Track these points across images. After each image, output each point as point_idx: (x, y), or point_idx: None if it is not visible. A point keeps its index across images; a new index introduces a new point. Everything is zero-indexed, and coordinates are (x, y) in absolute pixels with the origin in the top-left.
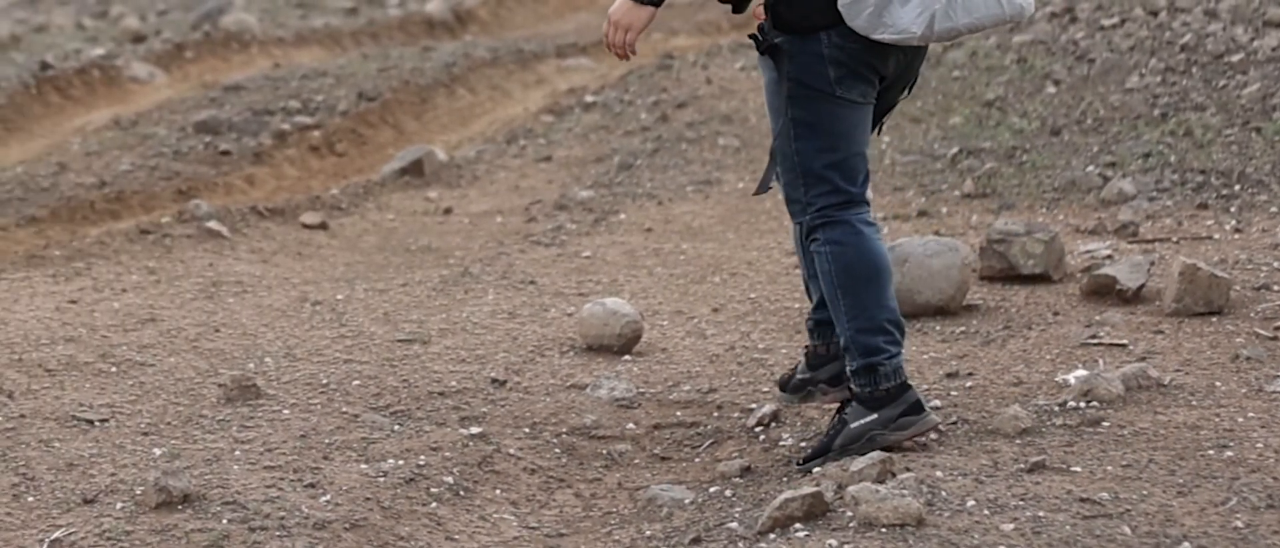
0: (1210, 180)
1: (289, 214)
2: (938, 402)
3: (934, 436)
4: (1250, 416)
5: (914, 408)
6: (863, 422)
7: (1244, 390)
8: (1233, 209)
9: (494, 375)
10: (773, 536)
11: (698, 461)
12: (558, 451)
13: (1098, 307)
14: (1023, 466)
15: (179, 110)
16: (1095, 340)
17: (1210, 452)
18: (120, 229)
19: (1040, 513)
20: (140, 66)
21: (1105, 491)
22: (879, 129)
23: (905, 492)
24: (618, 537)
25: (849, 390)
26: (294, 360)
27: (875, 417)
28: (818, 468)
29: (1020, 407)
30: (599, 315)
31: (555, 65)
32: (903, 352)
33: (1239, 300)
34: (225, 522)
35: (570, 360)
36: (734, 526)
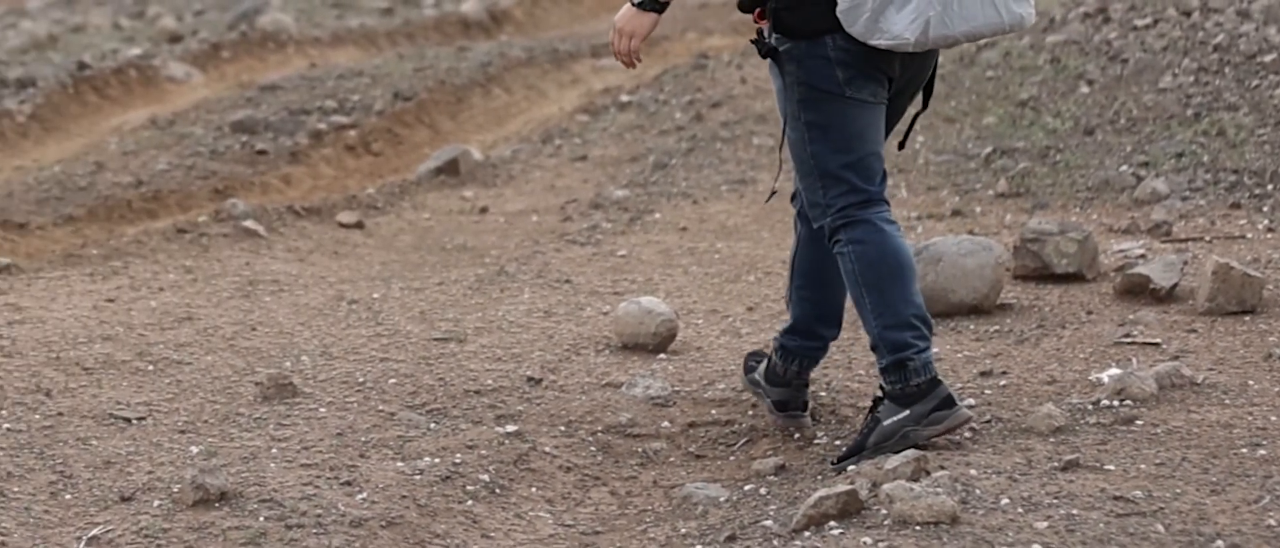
0: (1243, 180)
1: (325, 213)
2: (972, 400)
3: (968, 433)
4: None
5: (946, 402)
6: (896, 419)
7: (1277, 389)
8: (1265, 208)
9: (530, 374)
10: (807, 534)
11: (733, 459)
12: (593, 449)
13: (1131, 306)
14: (1056, 464)
15: (215, 110)
16: (1129, 339)
17: (1243, 450)
18: (157, 228)
19: (1074, 511)
20: (177, 66)
21: (1139, 489)
22: (902, 143)
23: (939, 490)
24: (653, 535)
25: (881, 389)
26: (330, 359)
27: (908, 413)
28: (852, 466)
29: (1054, 405)
30: (634, 314)
31: (590, 65)
32: (931, 347)
33: (1272, 299)
34: (262, 520)
35: (605, 359)
36: (769, 524)
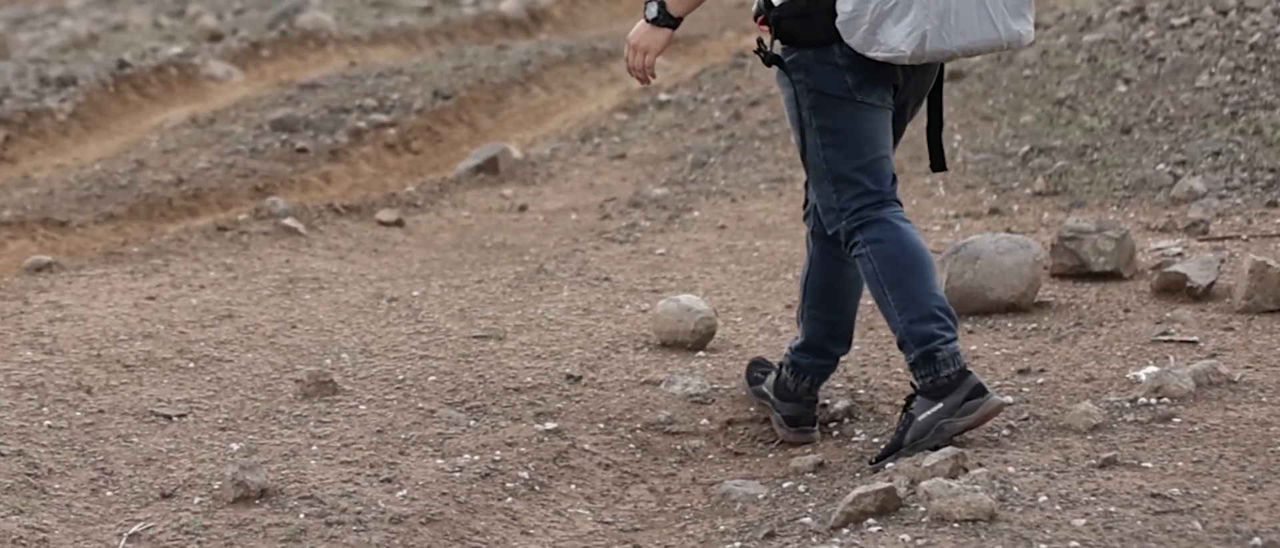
0: None
1: (365, 211)
2: (1010, 397)
3: (1006, 431)
4: None
5: (977, 391)
6: (929, 413)
7: None
8: None
9: (569, 372)
10: (846, 531)
11: (771, 456)
12: (632, 446)
13: (1168, 304)
14: (1094, 461)
15: (256, 108)
16: (1166, 337)
17: None
18: (198, 226)
19: (1111, 508)
20: (217, 65)
21: (1176, 486)
22: (935, 165)
23: (978, 487)
24: (692, 532)
25: (912, 386)
26: (370, 356)
27: (941, 406)
28: (891, 464)
29: (1091, 403)
30: (673, 312)
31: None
32: (957, 338)
33: None
34: (302, 516)
35: (644, 357)
36: (807, 521)
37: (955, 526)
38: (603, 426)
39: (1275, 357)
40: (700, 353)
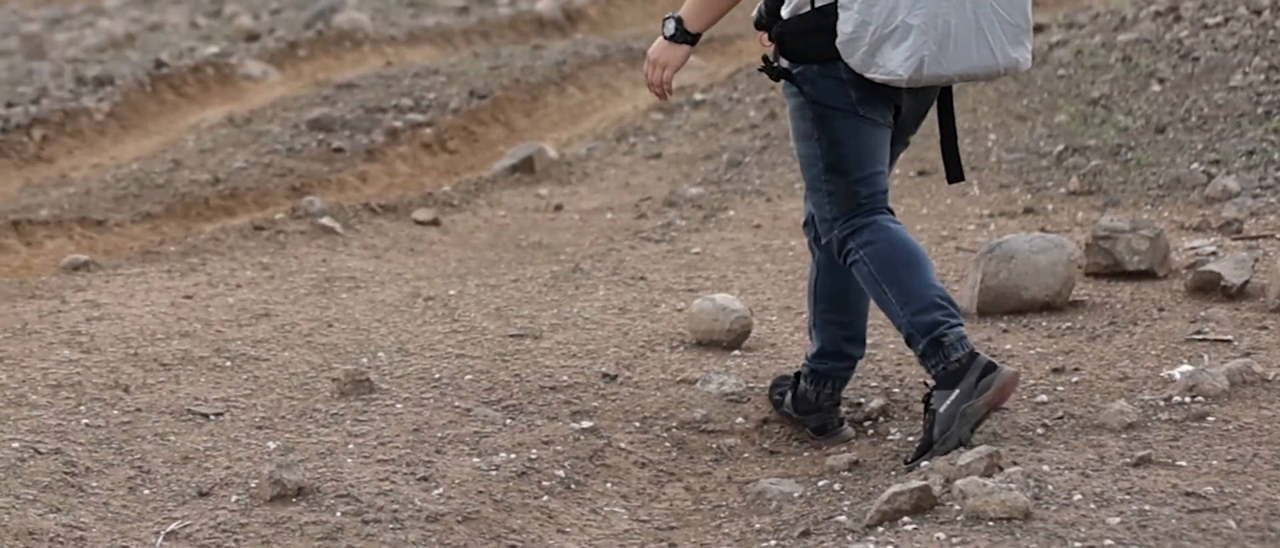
0: None
1: (401, 211)
2: (1044, 396)
3: (1041, 430)
4: None
5: (988, 369)
6: (949, 403)
7: None
8: None
9: (604, 370)
10: (881, 529)
11: (806, 455)
12: (668, 445)
13: (1202, 303)
14: (1128, 460)
15: (292, 108)
16: (1200, 336)
17: None
18: (235, 225)
19: (1146, 507)
20: (254, 64)
21: (1210, 484)
22: (952, 176)
23: (1012, 486)
24: (727, 530)
25: (925, 384)
26: (406, 355)
27: (957, 392)
28: (925, 462)
29: (1126, 402)
30: (708, 311)
31: None
32: (962, 324)
33: None
34: (339, 515)
35: (680, 356)
36: (842, 519)
37: (990, 524)
38: (638, 424)
39: None
40: (736, 352)
